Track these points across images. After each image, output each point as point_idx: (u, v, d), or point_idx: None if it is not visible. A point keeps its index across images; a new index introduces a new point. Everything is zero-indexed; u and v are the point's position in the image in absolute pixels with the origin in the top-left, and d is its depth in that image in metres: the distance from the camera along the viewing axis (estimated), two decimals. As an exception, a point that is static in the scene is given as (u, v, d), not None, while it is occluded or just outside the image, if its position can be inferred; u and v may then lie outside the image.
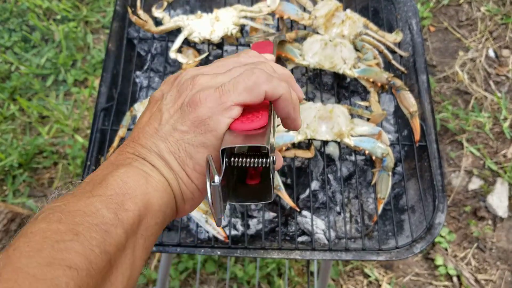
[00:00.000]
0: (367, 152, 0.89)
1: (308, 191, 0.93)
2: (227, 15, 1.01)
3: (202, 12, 1.02)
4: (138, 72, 1.06)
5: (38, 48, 1.89)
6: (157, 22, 1.05)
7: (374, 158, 0.92)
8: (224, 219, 0.91)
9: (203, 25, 1.00)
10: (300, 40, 1.02)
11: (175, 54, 0.97)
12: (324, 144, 0.92)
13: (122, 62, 1.00)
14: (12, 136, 1.71)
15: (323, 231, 0.91)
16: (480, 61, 1.88)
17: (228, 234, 0.85)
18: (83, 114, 1.76)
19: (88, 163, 0.88)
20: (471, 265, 1.56)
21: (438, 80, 1.87)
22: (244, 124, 0.40)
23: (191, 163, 0.40)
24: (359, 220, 0.95)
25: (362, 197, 0.97)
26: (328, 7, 1.02)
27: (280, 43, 0.96)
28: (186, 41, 1.02)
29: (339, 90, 1.05)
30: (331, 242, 0.85)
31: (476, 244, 1.59)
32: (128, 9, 1.03)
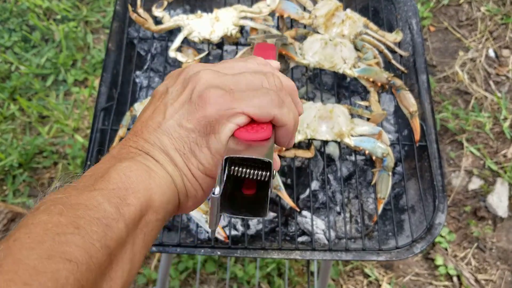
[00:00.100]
0: (367, 152, 0.88)
1: (308, 191, 0.93)
2: (227, 15, 1.00)
3: (202, 12, 1.02)
4: (138, 72, 1.06)
5: (38, 48, 1.89)
6: (157, 21, 1.05)
7: (374, 158, 0.92)
8: (224, 219, 0.90)
9: (203, 25, 0.99)
10: (300, 39, 1.02)
11: (175, 53, 0.97)
12: (324, 144, 0.92)
13: (122, 62, 1.00)
14: (12, 136, 1.71)
15: (323, 231, 0.91)
16: (480, 61, 1.88)
17: (228, 234, 0.85)
18: (83, 114, 1.76)
19: (88, 163, 0.88)
20: (471, 265, 1.56)
21: (438, 80, 1.87)
22: (248, 133, 0.39)
23: (195, 162, 0.40)
24: (359, 220, 0.95)
25: (362, 197, 0.97)
26: (328, 7, 1.02)
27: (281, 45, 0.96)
28: (186, 40, 1.02)
29: (339, 90, 1.05)
30: (331, 242, 0.85)
31: (476, 244, 1.59)
32: (129, 6, 1.03)
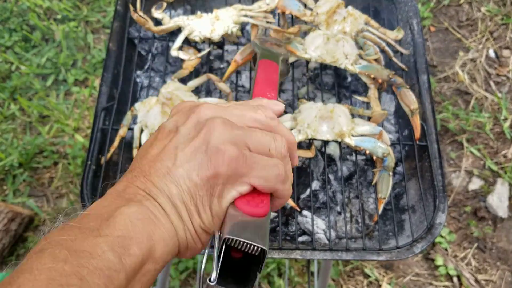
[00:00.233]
0: (367, 152, 0.88)
1: (308, 191, 0.93)
2: (227, 14, 1.01)
3: (202, 12, 1.02)
4: (138, 72, 1.06)
5: (38, 47, 1.89)
6: (157, 22, 1.05)
7: (374, 158, 0.92)
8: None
9: (203, 24, 1.00)
10: (302, 35, 1.02)
11: (177, 52, 0.97)
12: (325, 144, 0.92)
13: (123, 61, 1.00)
14: (13, 135, 1.71)
15: (323, 231, 0.91)
16: (481, 61, 1.88)
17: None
18: (83, 114, 1.76)
19: (89, 163, 0.88)
20: (471, 265, 1.56)
21: (438, 80, 1.87)
22: (249, 205, 0.40)
23: (198, 219, 0.40)
24: (359, 220, 0.95)
25: (363, 197, 0.97)
26: (329, 4, 1.02)
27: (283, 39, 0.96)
28: (186, 41, 1.02)
29: (339, 90, 1.05)
30: (331, 242, 0.85)
31: (476, 244, 1.59)
32: (130, 6, 1.03)
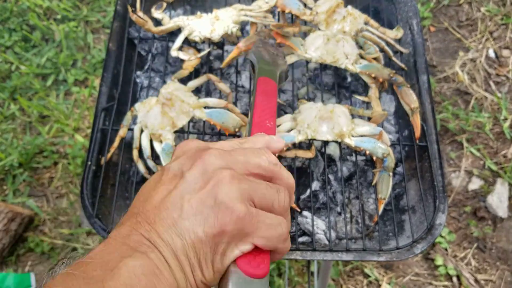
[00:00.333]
0: (367, 153, 0.89)
1: (308, 191, 0.93)
2: (227, 14, 1.01)
3: (202, 13, 1.02)
4: (138, 72, 1.06)
5: (38, 47, 1.89)
6: (157, 22, 1.05)
7: (374, 158, 0.92)
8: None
9: (203, 24, 1.00)
10: (302, 36, 1.02)
11: (177, 52, 0.97)
12: (325, 144, 0.92)
13: (123, 62, 1.00)
14: (13, 135, 1.71)
15: (323, 231, 0.91)
16: (480, 61, 1.88)
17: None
18: (84, 114, 1.76)
19: (89, 163, 0.88)
20: (471, 265, 1.56)
21: (438, 80, 1.87)
22: (250, 266, 0.41)
23: (200, 274, 0.40)
24: (359, 220, 0.95)
25: (363, 197, 0.97)
26: (329, 3, 1.02)
27: (283, 36, 0.95)
28: (186, 41, 1.02)
29: (339, 90, 1.05)
30: (331, 243, 0.85)
31: (476, 244, 1.59)
32: (129, 7, 1.03)
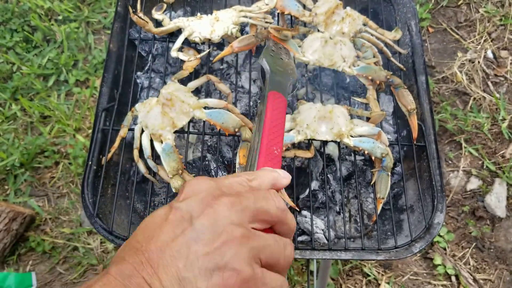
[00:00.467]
0: (366, 152, 0.89)
1: (307, 191, 0.94)
2: (226, 15, 1.01)
3: (202, 14, 1.03)
4: (139, 73, 1.07)
5: (39, 48, 1.90)
6: (157, 23, 1.05)
7: (373, 158, 0.92)
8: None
9: (203, 25, 1.00)
10: (301, 37, 1.02)
11: (177, 53, 0.98)
12: (324, 144, 0.92)
13: (123, 62, 1.01)
14: (14, 135, 1.72)
15: (322, 230, 0.91)
16: (479, 62, 1.89)
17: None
18: (84, 114, 1.77)
19: (90, 163, 0.89)
20: (469, 264, 1.57)
21: (436, 81, 1.88)
22: None
23: None
24: (358, 219, 0.95)
25: (362, 197, 0.98)
26: (328, 5, 1.03)
27: (281, 39, 0.96)
28: (186, 42, 1.03)
29: (338, 91, 1.06)
30: (330, 242, 0.85)
31: (474, 243, 1.60)
32: (129, 8, 1.03)
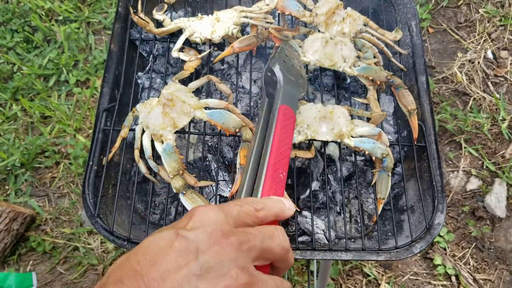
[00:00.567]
0: (367, 153, 0.89)
1: (308, 191, 0.94)
2: (227, 16, 1.02)
3: (203, 14, 1.03)
4: (140, 73, 1.07)
5: (40, 48, 1.90)
6: (158, 23, 1.05)
7: (374, 158, 0.93)
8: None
9: (204, 25, 1.00)
10: (302, 37, 1.03)
11: (177, 53, 0.98)
12: (325, 145, 0.93)
13: (124, 63, 1.01)
14: (14, 136, 1.72)
15: (323, 231, 0.91)
16: (479, 62, 1.89)
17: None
18: (85, 114, 1.77)
19: (90, 163, 0.89)
20: (469, 264, 1.57)
21: (436, 81, 1.88)
22: None
23: None
24: (359, 220, 0.96)
25: (362, 197, 0.98)
26: (329, 5, 1.03)
27: (282, 40, 0.97)
28: (187, 42, 1.03)
29: (339, 91, 1.06)
30: (331, 242, 0.85)
31: (474, 244, 1.60)
32: (130, 9, 1.04)
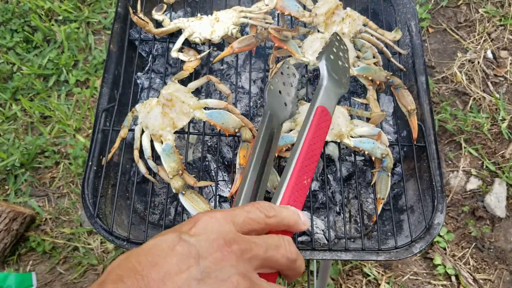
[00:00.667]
0: (366, 153, 0.89)
1: (308, 191, 0.94)
2: (227, 16, 1.02)
3: (202, 14, 1.03)
4: (139, 73, 1.07)
5: (40, 48, 1.90)
6: (158, 24, 1.05)
7: (373, 158, 0.93)
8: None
9: (203, 26, 1.00)
10: (302, 38, 1.03)
11: (177, 54, 0.98)
12: (324, 145, 0.93)
13: (124, 63, 1.01)
14: (14, 136, 1.72)
15: (323, 231, 0.91)
16: (479, 62, 1.89)
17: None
18: (85, 114, 1.77)
19: (90, 163, 0.89)
20: (469, 264, 1.57)
21: (436, 81, 1.88)
22: None
23: None
24: (358, 220, 0.96)
25: (362, 197, 0.98)
26: (328, 5, 1.03)
27: (281, 40, 0.97)
28: (187, 42, 1.03)
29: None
30: (331, 242, 0.86)
31: (474, 243, 1.60)
32: (130, 9, 1.04)
